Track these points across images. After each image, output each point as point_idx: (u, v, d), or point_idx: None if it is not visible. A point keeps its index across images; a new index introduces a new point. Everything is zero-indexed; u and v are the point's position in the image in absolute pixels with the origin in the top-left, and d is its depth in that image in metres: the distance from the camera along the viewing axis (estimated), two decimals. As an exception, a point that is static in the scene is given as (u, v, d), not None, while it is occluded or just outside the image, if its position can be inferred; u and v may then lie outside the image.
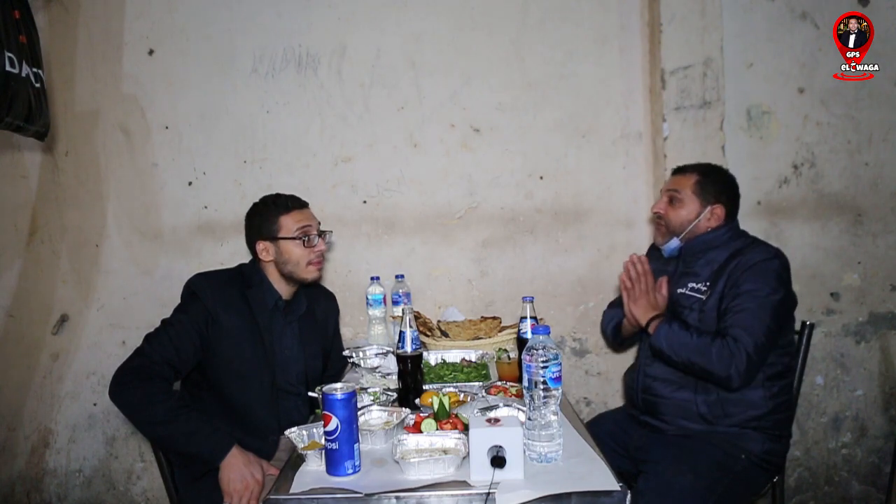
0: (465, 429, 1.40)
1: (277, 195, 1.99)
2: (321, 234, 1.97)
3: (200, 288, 1.85)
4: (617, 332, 2.21)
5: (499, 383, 1.81)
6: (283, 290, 1.98)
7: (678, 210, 1.96)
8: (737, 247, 1.89)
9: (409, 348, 1.69)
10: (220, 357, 1.84)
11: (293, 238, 1.91)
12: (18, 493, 2.64)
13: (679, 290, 1.93)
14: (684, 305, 1.89)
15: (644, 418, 1.96)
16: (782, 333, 1.84)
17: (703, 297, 1.86)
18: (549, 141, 2.59)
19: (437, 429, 1.44)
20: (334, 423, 1.28)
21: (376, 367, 2.05)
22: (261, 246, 1.94)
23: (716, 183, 1.96)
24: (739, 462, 1.79)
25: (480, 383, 1.83)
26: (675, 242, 1.98)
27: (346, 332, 2.58)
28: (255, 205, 2.00)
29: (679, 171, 2.05)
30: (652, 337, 1.84)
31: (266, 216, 1.94)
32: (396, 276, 2.52)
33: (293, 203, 1.96)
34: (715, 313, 1.82)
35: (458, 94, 2.58)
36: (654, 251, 2.15)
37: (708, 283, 1.87)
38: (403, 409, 1.60)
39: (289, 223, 1.92)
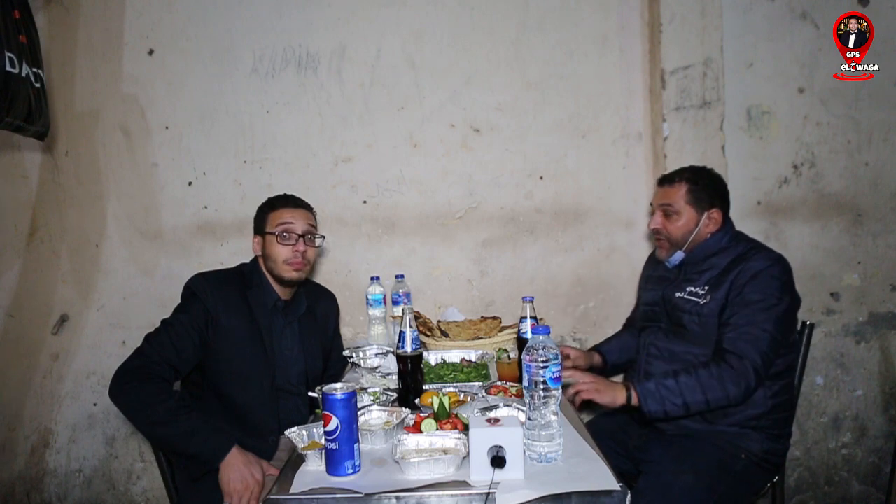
0: (465, 429, 1.40)
1: (281, 195, 2.02)
2: (303, 235, 1.94)
3: (200, 288, 1.85)
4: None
5: (499, 383, 1.81)
6: (279, 290, 1.98)
7: (676, 223, 1.92)
8: (737, 252, 1.87)
9: (409, 348, 1.69)
10: (220, 357, 1.84)
11: (273, 234, 1.92)
12: (18, 493, 2.64)
13: (678, 295, 1.92)
14: (684, 310, 1.88)
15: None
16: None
17: (702, 300, 1.85)
18: (549, 141, 2.59)
19: (437, 429, 1.44)
20: (334, 423, 1.28)
21: (376, 367, 2.05)
22: (255, 240, 1.99)
23: (707, 187, 1.92)
24: (739, 461, 1.79)
25: (480, 383, 1.83)
26: (679, 255, 1.95)
27: (346, 332, 2.58)
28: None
29: (666, 181, 1.97)
30: (643, 410, 1.70)
31: (261, 212, 1.99)
32: (396, 276, 2.51)
33: (283, 202, 1.98)
34: (715, 319, 1.81)
35: (458, 94, 2.58)
36: (654, 257, 2.13)
37: (706, 287, 1.85)
38: (403, 409, 1.59)
39: (273, 219, 1.94)
